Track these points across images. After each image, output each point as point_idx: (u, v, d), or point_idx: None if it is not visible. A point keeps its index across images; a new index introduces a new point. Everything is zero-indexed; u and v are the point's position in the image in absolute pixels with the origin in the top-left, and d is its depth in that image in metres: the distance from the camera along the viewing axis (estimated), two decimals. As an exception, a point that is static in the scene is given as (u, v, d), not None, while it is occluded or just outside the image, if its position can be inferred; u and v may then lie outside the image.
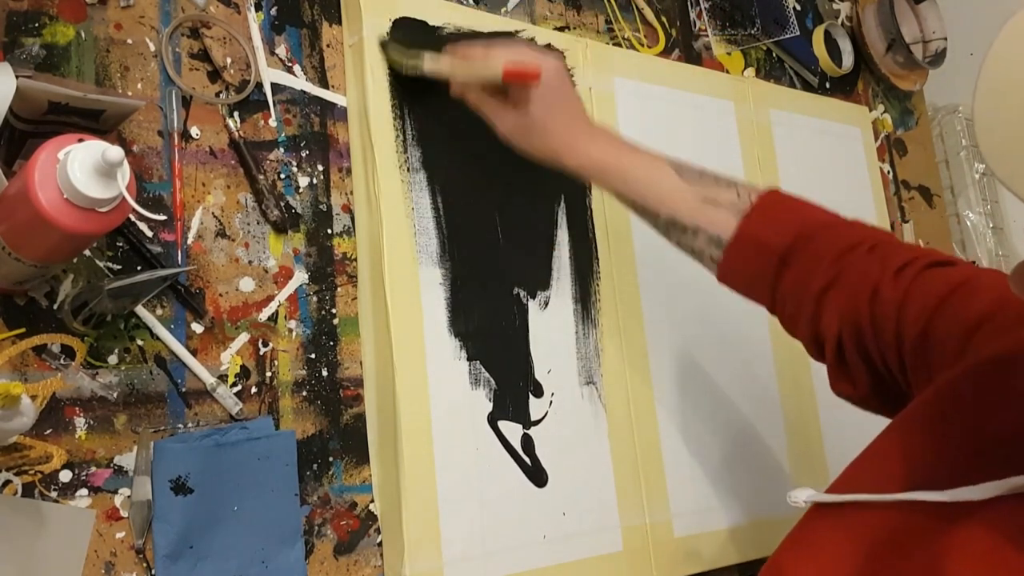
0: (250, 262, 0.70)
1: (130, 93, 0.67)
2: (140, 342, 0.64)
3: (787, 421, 0.98)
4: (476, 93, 0.73)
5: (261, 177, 0.71)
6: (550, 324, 0.82)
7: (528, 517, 0.76)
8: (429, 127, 0.78)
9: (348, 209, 0.76)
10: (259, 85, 0.73)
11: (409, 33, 0.78)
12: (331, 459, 0.71)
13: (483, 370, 0.77)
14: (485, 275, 0.79)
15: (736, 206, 0.67)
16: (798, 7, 1.21)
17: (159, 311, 0.65)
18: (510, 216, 0.82)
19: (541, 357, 0.81)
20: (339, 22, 0.79)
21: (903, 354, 0.59)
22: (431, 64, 0.73)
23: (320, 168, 0.75)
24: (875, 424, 0.87)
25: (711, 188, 0.69)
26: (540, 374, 0.80)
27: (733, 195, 0.68)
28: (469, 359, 0.76)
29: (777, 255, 0.65)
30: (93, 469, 0.61)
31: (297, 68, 0.76)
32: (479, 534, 0.73)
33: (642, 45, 1.01)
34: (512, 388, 0.79)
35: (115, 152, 0.49)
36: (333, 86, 0.77)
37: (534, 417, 0.79)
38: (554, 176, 0.86)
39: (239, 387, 0.68)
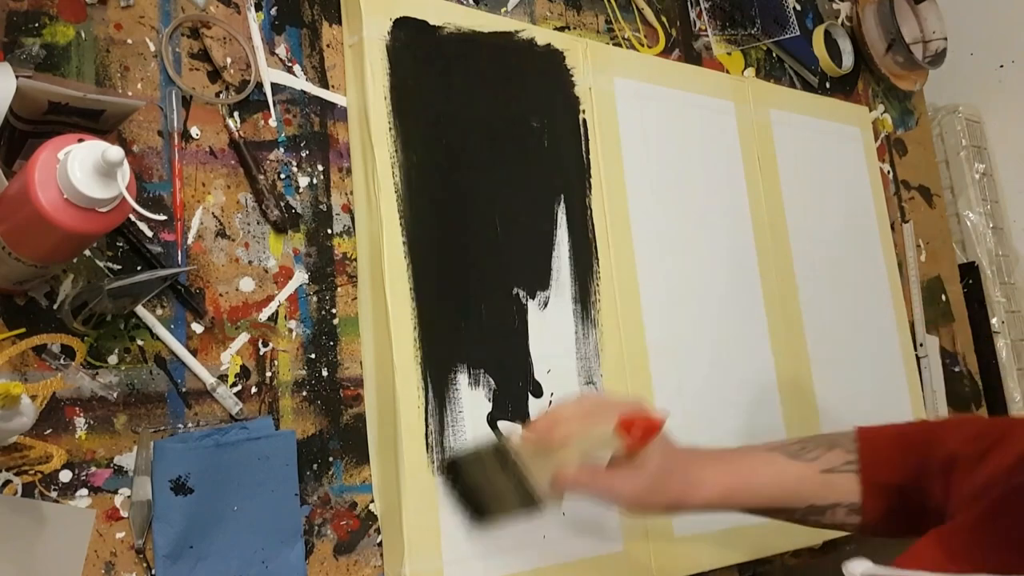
0: (250, 262, 0.70)
1: (130, 93, 0.67)
2: (140, 342, 0.64)
3: (788, 423, 0.98)
4: (577, 473, 0.63)
5: (261, 177, 0.71)
6: (550, 324, 0.82)
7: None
8: (429, 127, 0.78)
9: (348, 209, 0.76)
10: (259, 85, 0.73)
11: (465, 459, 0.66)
12: (331, 459, 0.71)
13: (482, 370, 0.77)
14: (485, 275, 0.79)
15: (849, 462, 0.69)
16: (798, 7, 1.21)
17: (159, 311, 0.65)
18: (510, 216, 0.82)
19: (540, 357, 0.81)
20: (339, 22, 0.79)
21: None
22: (523, 448, 0.62)
23: (320, 168, 0.75)
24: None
25: (823, 458, 0.70)
26: (540, 374, 0.80)
27: (840, 455, 0.70)
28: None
29: (924, 464, 0.67)
30: (93, 469, 0.61)
31: (297, 68, 0.76)
32: (479, 534, 0.72)
33: (642, 45, 1.01)
34: (511, 388, 0.79)
35: (115, 152, 0.49)
36: (333, 86, 0.77)
37: (533, 417, 0.79)
38: (554, 176, 0.86)
39: (239, 387, 0.68)
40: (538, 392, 0.80)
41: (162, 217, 0.66)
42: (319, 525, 0.69)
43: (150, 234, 0.66)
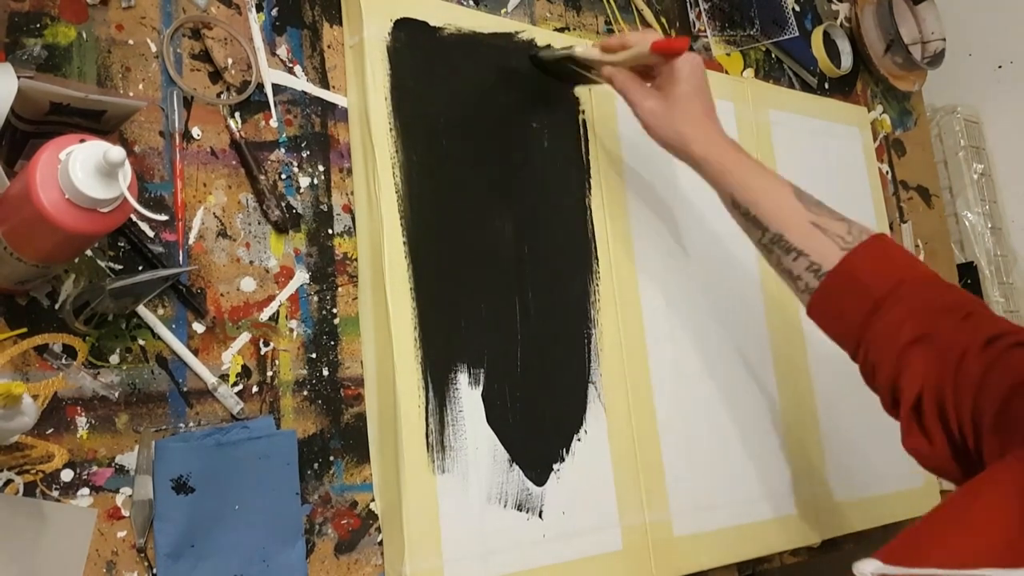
0: (251, 262, 0.70)
1: (131, 94, 0.67)
2: (141, 342, 0.64)
3: (785, 422, 0.99)
4: (623, 75, 0.77)
5: (262, 177, 0.71)
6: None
7: (528, 516, 0.76)
8: (430, 128, 0.79)
9: (349, 209, 0.76)
10: (260, 86, 0.73)
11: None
12: (332, 458, 0.71)
13: (482, 370, 0.77)
14: (485, 275, 0.79)
15: (843, 240, 0.68)
16: (797, 8, 1.21)
17: (160, 311, 0.66)
18: (510, 216, 0.82)
19: (541, 357, 0.81)
20: (340, 23, 0.79)
21: (979, 426, 0.58)
22: (582, 50, 0.80)
23: (321, 168, 0.75)
24: (875, 424, 0.87)
25: (824, 217, 0.70)
26: (540, 374, 0.81)
27: (843, 229, 0.69)
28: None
29: (872, 299, 0.65)
30: (94, 468, 0.61)
31: (298, 69, 0.76)
32: (479, 533, 0.73)
33: (641, 46, 1.02)
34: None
35: (117, 152, 0.49)
36: (334, 87, 0.77)
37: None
38: (554, 176, 0.86)
39: (240, 387, 0.68)
40: (538, 392, 0.80)
41: (163, 217, 0.66)
42: (320, 524, 0.69)
43: (151, 234, 0.66)
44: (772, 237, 0.70)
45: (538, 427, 0.79)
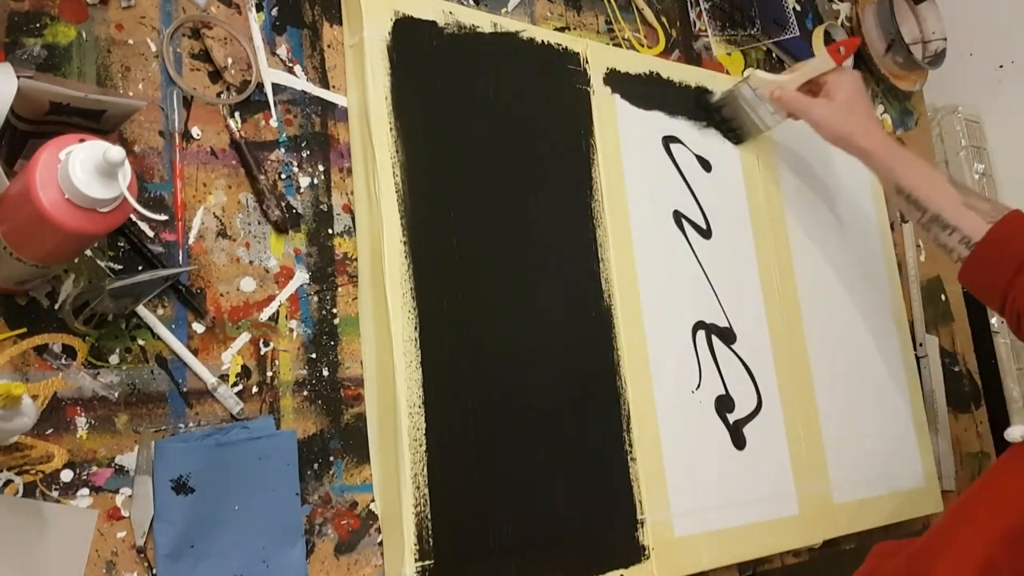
0: (251, 262, 0.70)
1: (131, 93, 0.67)
2: (141, 342, 0.64)
3: (786, 422, 0.99)
4: (792, 94, 0.94)
5: (262, 177, 0.71)
6: (550, 324, 0.82)
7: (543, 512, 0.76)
8: (430, 127, 0.79)
9: (349, 209, 0.76)
10: (260, 85, 0.73)
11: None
12: (332, 459, 0.71)
13: (482, 370, 0.77)
14: (486, 274, 0.79)
15: (990, 215, 0.81)
16: (798, 7, 1.21)
17: (160, 311, 0.66)
18: (511, 215, 0.82)
19: (541, 357, 0.81)
20: (340, 22, 0.79)
21: None
22: (761, 75, 0.96)
23: (321, 168, 0.75)
24: (875, 425, 0.87)
25: (972, 198, 0.84)
26: (540, 374, 0.81)
27: (989, 207, 0.83)
28: (469, 359, 0.76)
29: (1016, 261, 0.79)
30: (94, 469, 0.61)
31: (298, 68, 0.76)
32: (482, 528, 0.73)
33: (642, 46, 1.02)
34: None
35: (116, 152, 0.49)
36: (334, 86, 0.77)
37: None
38: (556, 176, 0.86)
39: (240, 387, 0.68)
40: (538, 392, 0.80)
41: (163, 217, 0.66)
42: (320, 524, 0.69)
43: (151, 234, 0.66)
44: (931, 216, 0.84)
45: (538, 427, 0.79)
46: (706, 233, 0.98)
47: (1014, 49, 1.48)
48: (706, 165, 1.00)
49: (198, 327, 0.67)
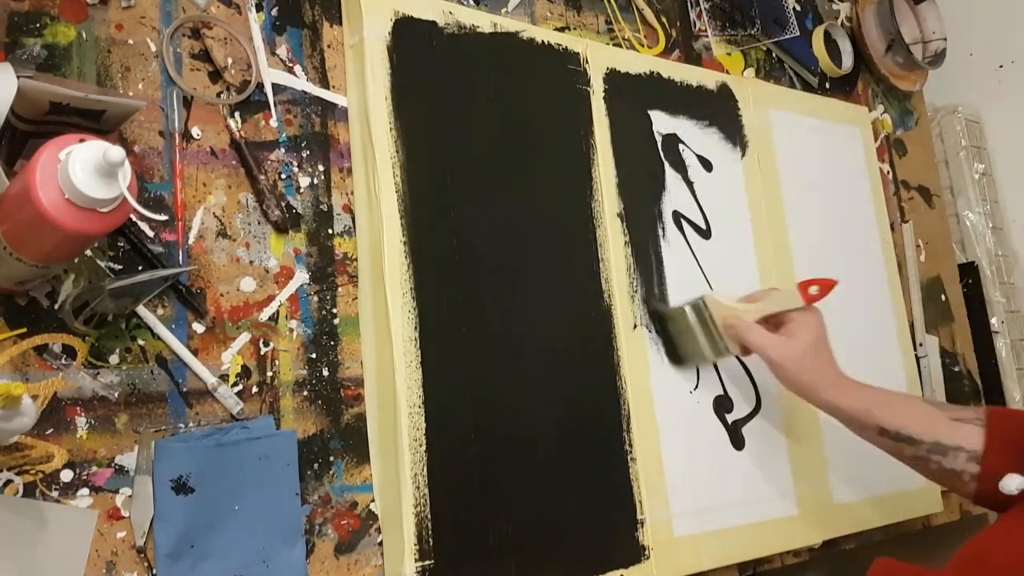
0: (251, 262, 0.70)
1: (131, 93, 0.67)
2: (141, 342, 0.64)
3: (786, 422, 0.99)
4: (747, 325, 0.84)
5: (262, 177, 0.71)
6: (550, 324, 0.82)
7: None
8: (430, 127, 0.79)
9: (349, 209, 0.76)
10: (260, 85, 0.73)
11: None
12: (332, 459, 0.71)
13: (483, 369, 0.77)
14: (486, 274, 0.79)
15: (979, 420, 0.76)
16: (798, 7, 1.21)
17: (160, 311, 0.66)
18: (511, 215, 0.82)
19: (541, 357, 0.81)
20: (340, 22, 0.79)
21: None
22: (713, 302, 0.85)
23: (321, 168, 0.75)
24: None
25: (954, 411, 0.79)
26: (540, 374, 0.81)
27: (971, 414, 0.78)
28: (469, 359, 0.76)
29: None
30: (94, 469, 0.61)
31: (298, 68, 0.76)
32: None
33: (642, 46, 1.02)
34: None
35: (116, 152, 0.49)
36: (334, 86, 0.77)
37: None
38: (556, 175, 0.86)
39: (240, 387, 0.68)
40: (538, 392, 0.80)
41: (163, 217, 0.66)
42: (320, 524, 0.69)
43: (151, 234, 0.66)
44: (929, 447, 0.77)
45: (538, 427, 0.79)
46: (706, 233, 0.98)
47: (1014, 49, 1.48)
48: (707, 165, 1.00)
49: (198, 327, 0.67)
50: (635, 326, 0.88)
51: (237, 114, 0.72)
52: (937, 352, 1.23)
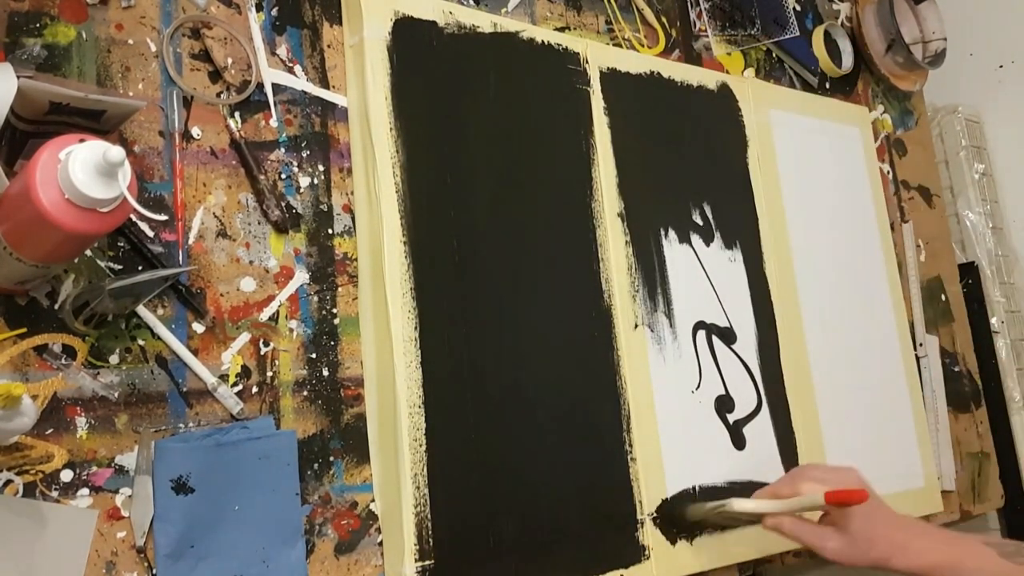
0: (251, 262, 0.70)
1: (131, 93, 0.67)
2: (141, 342, 0.64)
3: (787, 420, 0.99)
4: (791, 522, 0.79)
5: (262, 177, 0.71)
6: (550, 324, 0.82)
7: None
8: (430, 127, 0.79)
9: (349, 209, 0.76)
10: (260, 85, 0.73)
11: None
12: (332, 459, 0.71)
13: (483, 369, 0.77)
14: (486, 275, 0.79)
15: None
16: (798, 7, 1.21)
17: (160, 311, 0.66)
18: (512, 215, 0.82)
19: (541, 357, 0.81)
20: (340, 22, 0.79)
21: None
22: (740, 506, 0.81)
23: (321, 168, 0.75)
24: (875, 425, 0.86)
25: (1017, 557, 0.76)
26: (540, 374, 0.81)
27: None
28: (469, 359, 0.76)
29: None
30: (94, 469, 0.61)
31: (298, 68, 0.76)
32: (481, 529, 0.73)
33: (642, 45, 1.02)
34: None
35: (116, 152, 0.49)
36: (334, 86, 0.77)
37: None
38: (556, 175, 0.86)
39: (240, 387, 0.68)
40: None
41: (163, 217, 0.66)
42: (320, 524, 0.69)
43: (151, 234, 0.66)
44: None
45: (538, 427, 0.79)
46: (708, 234, 0.97)
47: (1014, 49, 1.48)
48: (708, 164, 1.00)
49: (198, 327, 0.67)
50: (636, 326, 0.88)
51: (237, 114, 0.72)
52: (937, 352, 1.23)
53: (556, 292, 0.83)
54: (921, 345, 1.21)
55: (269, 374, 0.69)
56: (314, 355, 0.72)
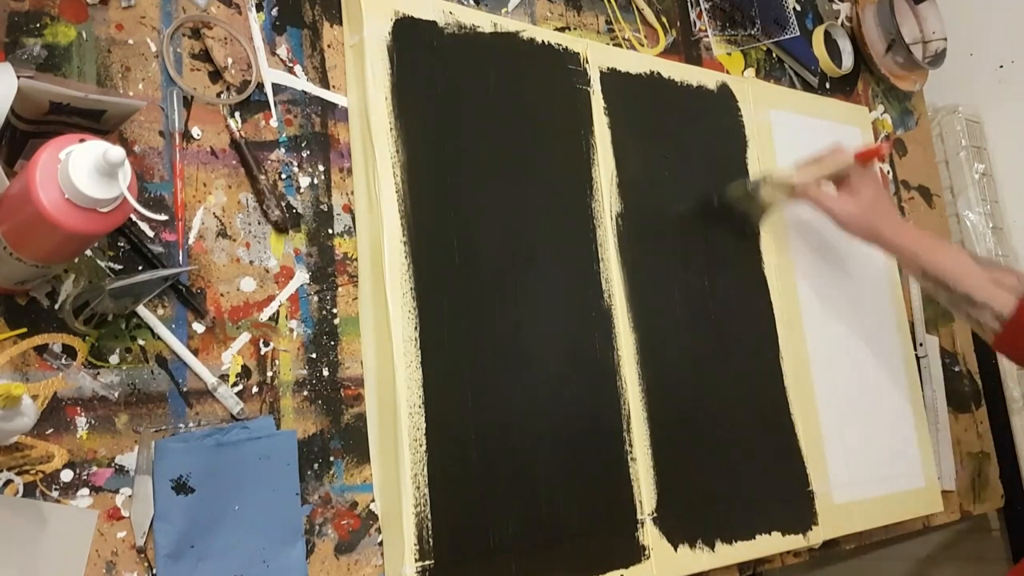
0: (251, 262, 0.70)
1: (131, 93, 0.67)
2: (141, 342, 0.64)
3: (787, 422, 0.99)
4: (816, 188, 0.95)
5: (262, 177, 0.71)
6: (550, 324, 0.82)
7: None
8: (430, 127, 0.78)
9: (349, 209, 0.76)
10: (260, 85, 0.73)
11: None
12: (332, 459, 0.71)
13: (483, 369, 0.77)
14: (486, 274, 0.79)
15: (1017, 289, 0.84)
16: (798, 7, 1.21)
17: (160, 311, 0.66)
18: (512, 215, 0.82)
19: (541, 357, 0.81)
20: (340, 22, 0.79)
21: None
22: (780, 173, 0.96)
23: (321, 168, 0.75)
24: (875, 425, 0.86)
25: (998, 272, 0.87)
26: (540, 374, 0.81)
27: (1014, 280, 0.85)
28: (470, 359, 0.76)
29: None
30: (94, 469, 0.61)
31: (298, 68, 0.76)
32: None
33: (642, 45, 1.02)
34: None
35: (116, 152, 0.49)
36: (334, 86, 0.77)
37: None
38: (556, 175, 0.86)
39: (240, 387, 0.68)
40: (538, 392, 0.80)
41: (163, 217, 0.66)
42: (320, 524, 0.69)
43: (151, 234, 0.66)
44: (960, 296, 0.87)
45: (538, 427, 0.79)
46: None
47: (1014, 49, 1.48)
48: (708, 165, 1.00)
49: (198, 327, 0.67)
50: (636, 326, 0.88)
51: (237, 114, 0.72)
52: (937, 352, 1.23)
53: (556, 292, 0.83)
54: (921, 345, 1.21)
55: (269, 374, 0.69)
56: (314, 355, 0.72)
